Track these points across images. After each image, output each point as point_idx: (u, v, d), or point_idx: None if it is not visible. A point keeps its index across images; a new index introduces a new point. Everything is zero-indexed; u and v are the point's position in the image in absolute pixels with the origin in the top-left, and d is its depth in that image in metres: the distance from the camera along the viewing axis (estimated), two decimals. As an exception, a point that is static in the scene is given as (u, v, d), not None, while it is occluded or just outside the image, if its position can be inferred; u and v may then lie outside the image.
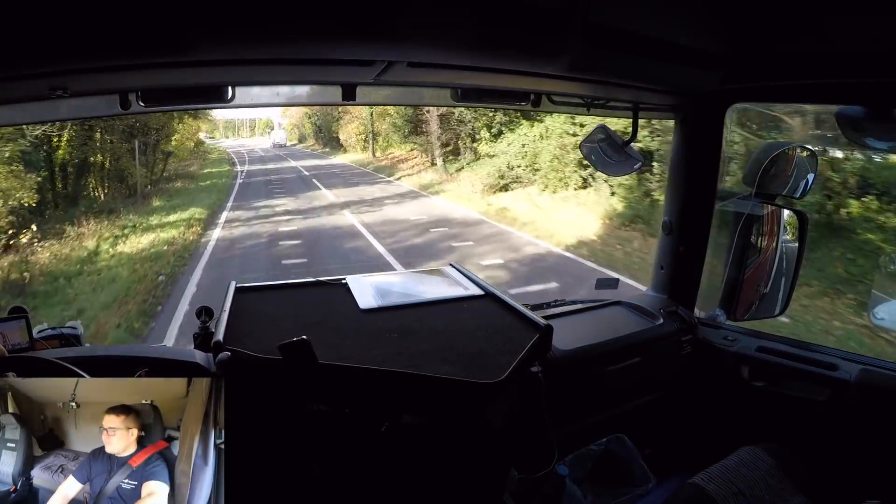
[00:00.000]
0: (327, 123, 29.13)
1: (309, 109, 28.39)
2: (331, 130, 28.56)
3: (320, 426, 1.11)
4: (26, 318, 1.27)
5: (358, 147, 24.48)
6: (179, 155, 17.13)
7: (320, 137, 33.22)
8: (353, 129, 23.76)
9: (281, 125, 45.75)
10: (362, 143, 23.94)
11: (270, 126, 49.29)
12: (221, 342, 1.07)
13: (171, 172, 15.90)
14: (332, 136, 28.57)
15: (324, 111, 26.48)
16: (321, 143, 33.17)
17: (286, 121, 43.50)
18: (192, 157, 19.50)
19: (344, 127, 24.69)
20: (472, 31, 0.90)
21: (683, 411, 1.67)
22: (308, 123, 35.19)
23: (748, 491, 1.24)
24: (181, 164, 17.74)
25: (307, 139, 38.31)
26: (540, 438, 1.28)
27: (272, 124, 50.25)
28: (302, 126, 38.81)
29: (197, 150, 21.04)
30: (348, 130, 24.26)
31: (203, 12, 0.72)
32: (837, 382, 1.39)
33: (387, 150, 21.69)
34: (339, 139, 26.78)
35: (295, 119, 39.89)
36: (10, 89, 0.96)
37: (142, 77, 1.02)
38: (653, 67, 1.19)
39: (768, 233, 1.46)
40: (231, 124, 54.33)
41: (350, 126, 23.91)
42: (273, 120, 49.96)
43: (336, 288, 1.45)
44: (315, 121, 32.24)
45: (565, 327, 1.49)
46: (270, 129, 48.12)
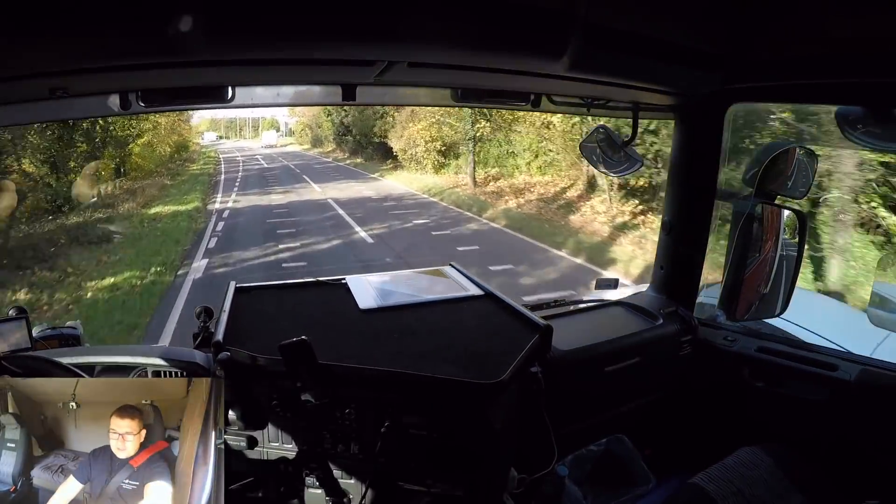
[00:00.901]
0: (363, 122, 20.39)
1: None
2: (369, 133, 20.11)
3: (320, 426, 1.11)
4: (26, 319, 1.27)
5: (428, 163, 15.05)
6: (146, 166, 12.31)
7: (347, 143, 24.13)
8: (420, 132, 14.51)
9: (288, 125, 42.95)
10: (437, 159, 14.87)
11: (276, 126, 47.57)
12: (221, 342, 1.07)
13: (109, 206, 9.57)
14: (373, 141, 19.99)
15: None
16: (347, 151, 24.38)
17: (294, 120, 39.23)
18: (163, 170, 14.13)
19: (398, 130, 15.69)
20: (472, 31, 0.90)
21: (683, 411, 1.66)
22: (328, 123, 26.54)
23: (748, 491, 1.24)
24: (142, 184, 11.78)
25: (324, 143, 30.54)
26: (540, 438, 1.28)
27: (277, 124, 48.15)
28: (317, 126, 31.14)
29: (179, 156, 15.18)
30: (410, 136, 14.98)
31: (203, 12, 0.72)
32: (837, 382, 1.39)
33: (501, 171, 12.97)
34: (386, 147, 17.90)
35: (307, 118, 33.15)
36: (10, 89, 0.96)
37: (142, 77, 1.02)
38: (653, 67, 1.19)
39: (768, 233, 1.46)
40: (233, 124, 51.29)
41: (412, 129, 14.75)
42: (278, 119, 47.99)
43: (336, 288, 1.45)
44: (340, 118, 23.23)
45: (565, 327, 1.49)
46: (276, 129, 46.62)
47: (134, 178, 10.79)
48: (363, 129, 20.48)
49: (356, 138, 22.19)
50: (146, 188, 11.42)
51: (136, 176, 10.88)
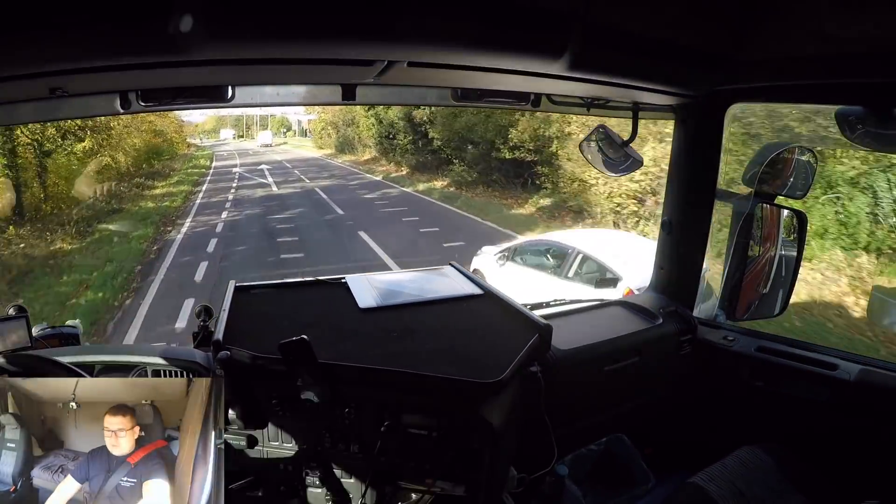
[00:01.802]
0: (449, 118, 12.55)
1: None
2: (489, 140, 11.48)
3: (320, 426, 1.11)
4: (26, 318, 1.27)
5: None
6: (71, 192, 7.39)
7: (397, 151, 16.28)
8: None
9: (301, 123, 38.69)
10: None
11: (287, 125, 43.61)
12: (221, 341, 1.07)
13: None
14: (499, 156, 11.31)
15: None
16: (410, 166, 16.14)
17: (309, 117, 32.88)
18: (102, 197, 9.14)
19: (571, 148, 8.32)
20: (472, 31, 0.90)
21: (683, 411, 1.66)
22: (367, 120, 18.19)
23: (748, 491, 1.24)
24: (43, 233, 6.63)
25: (356, 149, 21.64)
26: (539, 438, 1.28)
27: (288, 123, 43.93)
28: (346, 125, 21.98)
29: (149, 166, 10.12)
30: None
31: (203, 12, 0.72)
32: (837, 382, 1.39)
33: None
34: (532, 169, 10.48)
35: (330, 114, 24.09)
36: (10, 89, 0.96)
37: (142, 77, 1.02)
38: (653, 67, 1.19)
39: (768, 233, 1.46)
40: (239, 122, 47.39)
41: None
42: (289, 118, 42.81)
43: (335, 287, 1.45)
44: (394, 119, 15.47)
45: (565, 327, 1.49)
46: (287, 128, 42.91)
47: (43, 215, 5.55)
48: (472, 134, 11.91)
49: (442, 147, 13.46)
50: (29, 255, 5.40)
51: (49, 210, 5.70)
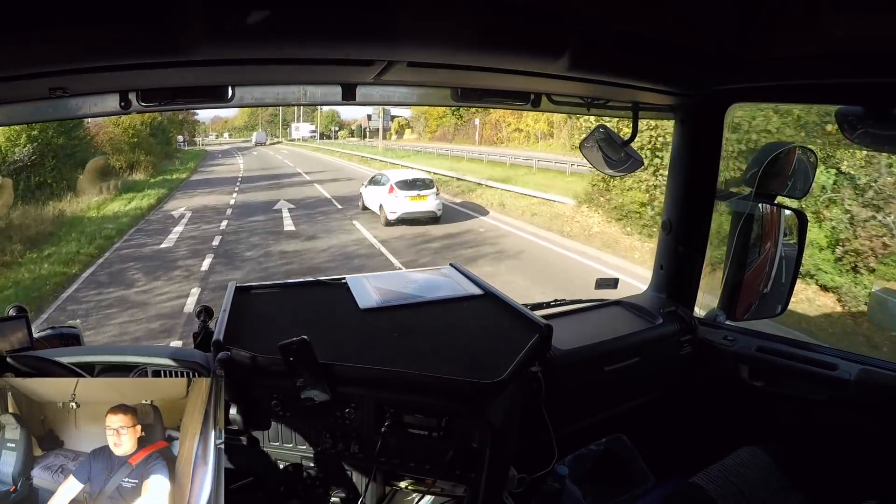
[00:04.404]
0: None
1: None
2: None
3: (320, 426, 1.11)
4: (26, 318, 1.27)
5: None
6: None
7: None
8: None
9: (371, 117, 31.37)
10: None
11: (337, 122, 35.73)
12: (221, 342, 1.07)
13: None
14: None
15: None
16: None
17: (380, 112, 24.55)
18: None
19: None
20: (472, 31, 0.90)
21: (683, 411, 1.67)
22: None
23: (748, 491, 1.24)
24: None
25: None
26: (540, 438, 1.28)
27: (338, 119, 36.02)
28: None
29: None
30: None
31: (203, 12, 0.72)
32: (837, 382, 1.39)
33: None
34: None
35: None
36: (10, 89, 0.96)
37: (142, 77, 1.02)
38: (653, 67, 1.19)
39: (768, 233, 1.46)
40: (275, 118, 36.92)
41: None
42: (356, 116, 32.65)
43: (336, 288, 1.45)
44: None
45: (565, 327, 1.49)
46: (337, 126, 36.03)
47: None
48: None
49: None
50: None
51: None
